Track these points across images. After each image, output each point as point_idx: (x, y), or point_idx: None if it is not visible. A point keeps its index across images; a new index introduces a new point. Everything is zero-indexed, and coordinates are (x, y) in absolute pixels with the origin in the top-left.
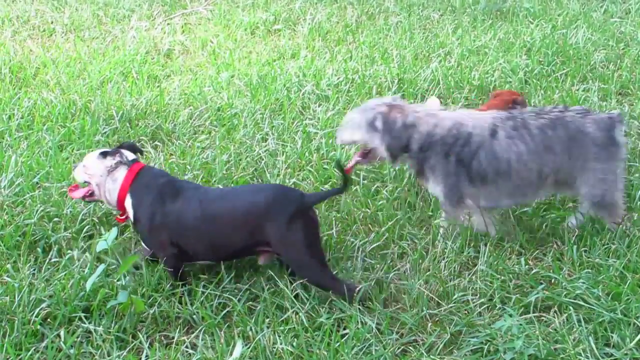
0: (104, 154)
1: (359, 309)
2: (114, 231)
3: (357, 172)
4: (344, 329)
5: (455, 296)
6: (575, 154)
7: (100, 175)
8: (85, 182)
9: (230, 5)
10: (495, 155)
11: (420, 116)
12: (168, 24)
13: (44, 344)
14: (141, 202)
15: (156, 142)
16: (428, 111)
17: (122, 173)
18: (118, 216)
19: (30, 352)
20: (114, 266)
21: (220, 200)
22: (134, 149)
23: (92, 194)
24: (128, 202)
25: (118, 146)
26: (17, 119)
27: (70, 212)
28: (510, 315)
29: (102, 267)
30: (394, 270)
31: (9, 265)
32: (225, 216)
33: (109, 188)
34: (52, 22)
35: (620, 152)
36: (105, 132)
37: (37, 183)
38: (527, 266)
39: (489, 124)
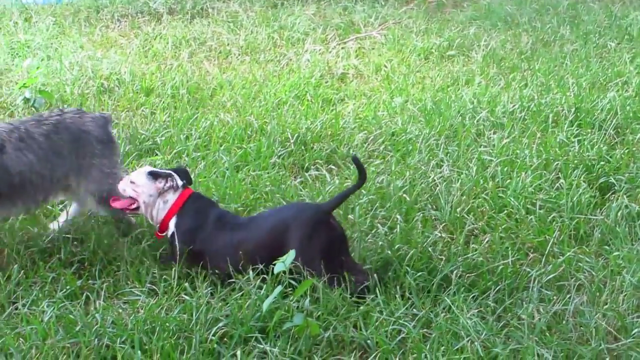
0: (155, 175)
1: (536, 340)
2: (292, 253)
3: (533, 201)
4: None
5: (634, 331)
6: (81, 154)
7: (150, 195)
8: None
9: (404, 30)
10: (8, 171)
11: None
12: (342, 47)
13: None
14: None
15: (331, 166)
16: None
17: (172, 196)
18: (157, 232)
19: None
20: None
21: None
22: (185, 175)
23: (135, 208)
24: (172, 222)
25: (172, 169)
26: (194, 139)
27: None
28: None
29: (278, 288)
30: (571, 302)
31: (186, 284)
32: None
33: (159, 208)
34: (228, 44)
35: (117, 148)
36: (281, 155)
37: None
38: None
39: None
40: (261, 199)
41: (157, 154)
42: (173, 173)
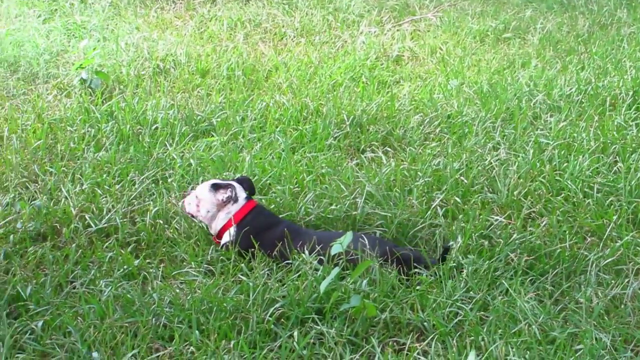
0: (215, 187)
1: (594, 324)
2: (349, 235)
3: (591, 184)
4: (578, 344)
5: None
6: None
7: (208, 210)
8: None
9: (459, 12)
10: None
11: None
12: (397, 30)
13: (277, 344)
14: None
15: (386, 148)
16: None
17: (234, 208)
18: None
19: (264, 351)
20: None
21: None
22: (248, 184)
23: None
24: (232, 230)
25: (235, 179)
26: (250, 121)
27: (303, 212)
28: None
29: (336, 270)
30: (630, 287)
31: (242, 265)
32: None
33: (219, 219)
34: (283, 26)
35: None
36: (336, 137)
37: (269, 184)
38: None
39: None
40: (317, 180)
41: (213, 135)
42: (234, 184)
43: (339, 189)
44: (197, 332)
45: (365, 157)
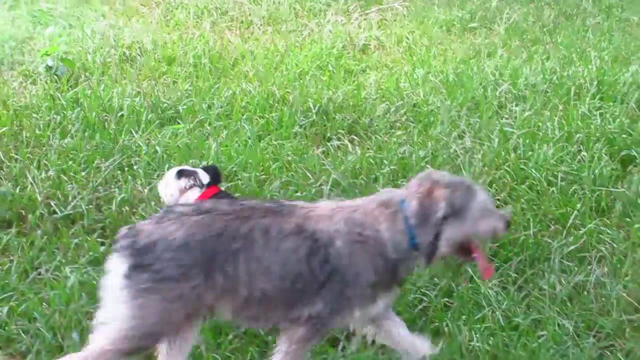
0: (179, 174)
1: (557, 311)
2: None
3: (555, 173)
4: (542, 330)
5: None
6: None
7: (172, 194)
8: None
9: (426, 2)
10: None
11: None
12: (364, 19)
13: None
14: None
15: (352, 136)
16: None
17: (194, 195)
18: None
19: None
20: None
21: None
22: (214, 173)
23: None
24: None
25: (202, 167)
26: (216, 109)
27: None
28: None
29: None
30: (592, 274)
31: None
32: None
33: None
34: (249, 15)
35: None
36: (302, 125)
37: (235, 171)
38: None
39: None
40: (283, 167)
41: (179, 123)
42: (198, 171)
43: (305, 177)
44: None
45: (331, 145)
